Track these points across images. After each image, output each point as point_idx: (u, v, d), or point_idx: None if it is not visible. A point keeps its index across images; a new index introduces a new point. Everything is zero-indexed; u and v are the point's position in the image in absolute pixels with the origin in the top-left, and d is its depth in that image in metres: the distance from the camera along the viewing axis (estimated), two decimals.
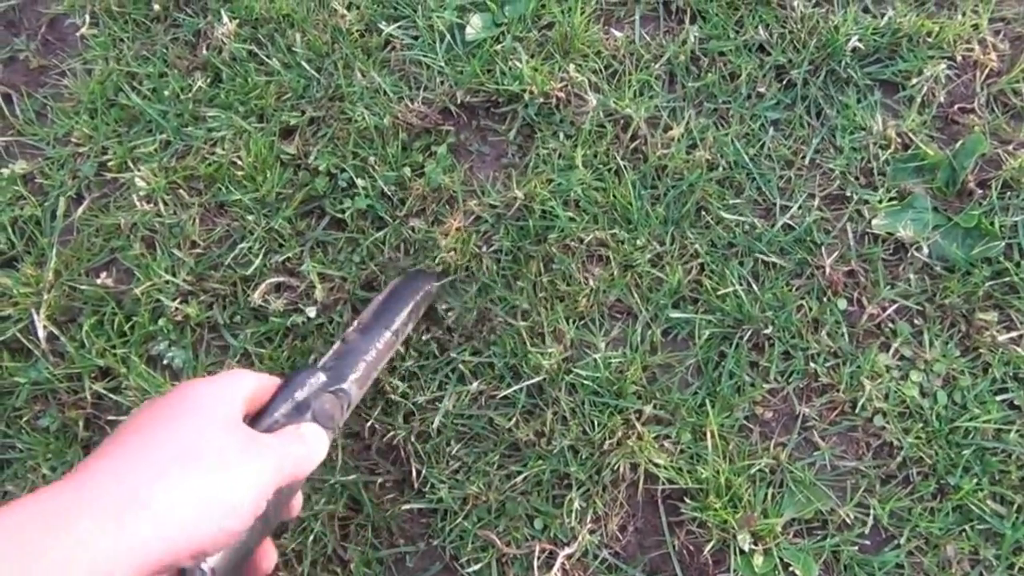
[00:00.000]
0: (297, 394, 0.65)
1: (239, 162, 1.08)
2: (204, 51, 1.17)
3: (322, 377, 0.69)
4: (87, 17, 1.22)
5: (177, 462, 0.49)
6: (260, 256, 1.05)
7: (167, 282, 1.04)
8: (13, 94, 1.20)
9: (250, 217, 1.06)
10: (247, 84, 1.13)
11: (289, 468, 0.57)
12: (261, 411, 0.63)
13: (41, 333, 1.04)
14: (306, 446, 0.61)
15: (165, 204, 1.09)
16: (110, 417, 1.01)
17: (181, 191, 1.09)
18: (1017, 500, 0.91)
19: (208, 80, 1.15)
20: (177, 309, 1.03)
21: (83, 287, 1.06)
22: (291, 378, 0.66)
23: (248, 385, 0.60)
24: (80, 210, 1.11)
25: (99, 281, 1.06)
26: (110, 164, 1.12)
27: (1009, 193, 1.03)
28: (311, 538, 0.94)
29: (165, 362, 1.03)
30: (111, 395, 1.01)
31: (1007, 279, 0.99)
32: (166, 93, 1.14)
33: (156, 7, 1.20)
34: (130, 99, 1.14)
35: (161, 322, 1.03)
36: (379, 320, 0.86)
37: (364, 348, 0.80)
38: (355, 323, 0.87)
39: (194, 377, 1.01)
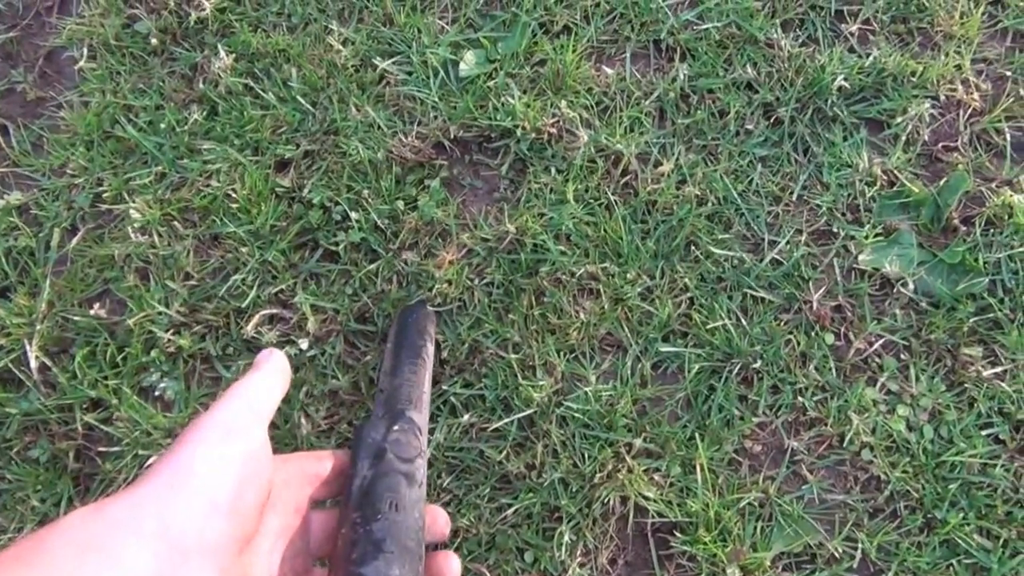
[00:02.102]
0: (367, 448, 0.65)
1: (234, 194, 1.09)
2: (200, 84, 1.18)
3: (380, 425, 0.68)
4: (85, 50, 1.24)
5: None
6: (254, 288, 1.05)
7: (160, 313, 1.05)
8: (9, 125, 1.21)
9: (244, 249, 1.07)
10: (243, 117, 1.14)
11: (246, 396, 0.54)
12: (346, 480, 0.63)
13: (33, 364, 1.05)
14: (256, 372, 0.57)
15: (159, 236, 1.10)
16: (101, 448, 1.01)
17: (176, 223, 1.10)
18: (1003, 534, 0.92)
19: (204, 113, 1.16)
20: (170, 340, 1.04)
21: (76, 318, 1.06)
22: (354, 442, 0.66)
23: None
24: (74, 241, 1.11)
25: (92, 312, 1.06)
26: (105, 195, 1.13)
27: (992, 230, 1.05)
28: None
29: (157, 393, 1.03)
30: (102, 426, 1.01)
31: (991, 315, 1.00)
32: (162, 126, 1.16)
33: (154, 41, 1.21)
34: (126, 131, 1.16)
35: (153, 353, 1.04)
36: (400, 356, 0.86)
37: (400, 383, 0.80)
38: (380, 375, 0.87)
39: (186, 408, 1.02)
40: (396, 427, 0.68)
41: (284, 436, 0.99)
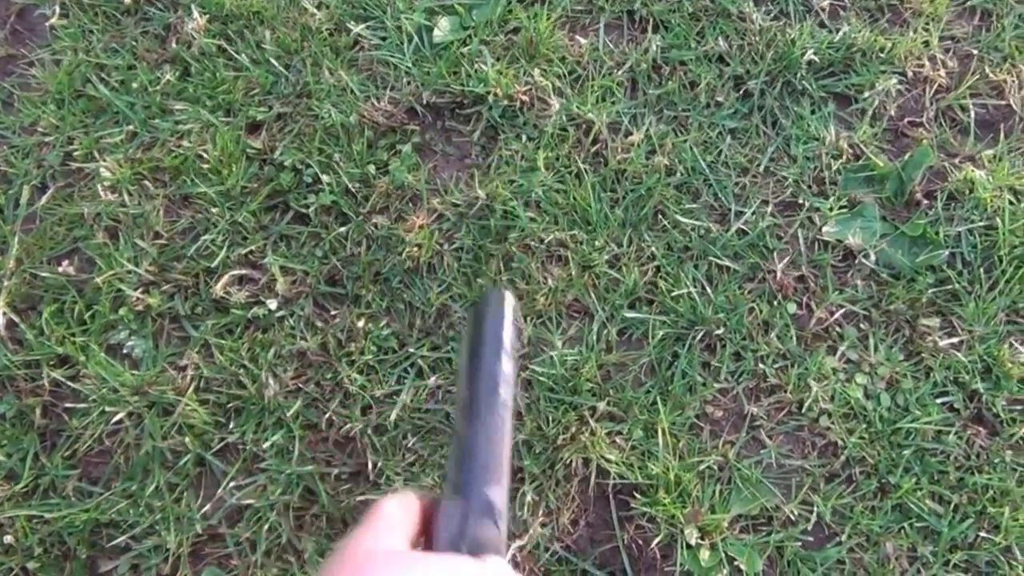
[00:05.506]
0: (443, 539, 0.53)
1: (205, 155, 1.09)
2: (173, 45, 1.18)
3: (455, 514, 0.54)
4: (57, 8, 1.23)
5: None
6: (223, 248, 1.06)
7: (129, 272, 1.05)
8: None
9: (214, 210, 1.07)
10: (215, 79, 1.14)
11: None
12: None
13: (0, 320, 1.04)
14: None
15: (130, 195, 1.09)
16: (67, 404, 1.01)
17: (146, 182, 1.10)
18: (954, 499, 0.94)
19: (177, 74, 1.16)
20: (138, 299, 1.04)
21: (44, 275, 1.06)
22: (434, 528, 0.53)
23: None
24: (44, 199, 1.11)
25: (61, 269, 1.06)
26: (76, 154, 1.12)
27: (954, 204, 1.07)
28: (265, 527, 0.94)
29: (125, 351, 1.03)
30: (69, 383, 1.01)
31: (949, 287, 1.02)
32: (134, 85, 1.15)
33: (127, 0, 1.21)
34: (98, 90, 1.15)
35: (122, 311, 1.04)
36: (476, 387, 0.61)
37: (476, 433, 0.59)
38: (459, 400, 0.62)
39: (153, 366, 1.02)
40: (471, 520, 0.54)
41: (252, 396, 1.00)
